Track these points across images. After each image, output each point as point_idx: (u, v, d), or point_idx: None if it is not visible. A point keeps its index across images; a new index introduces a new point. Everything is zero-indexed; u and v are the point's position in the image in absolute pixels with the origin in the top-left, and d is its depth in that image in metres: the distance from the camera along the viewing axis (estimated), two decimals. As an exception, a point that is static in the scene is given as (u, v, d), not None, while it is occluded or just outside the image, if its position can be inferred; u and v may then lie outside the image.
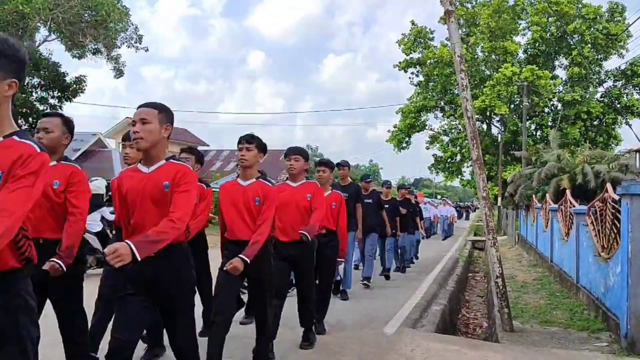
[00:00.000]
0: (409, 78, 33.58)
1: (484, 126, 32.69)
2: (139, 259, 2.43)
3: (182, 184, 2.76)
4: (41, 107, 25.32)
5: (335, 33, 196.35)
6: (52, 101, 25.63)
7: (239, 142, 3.89)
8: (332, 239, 5.43)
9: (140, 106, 2.87)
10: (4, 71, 1.97)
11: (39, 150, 1.99)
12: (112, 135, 40.85)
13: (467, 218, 51.14)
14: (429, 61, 31.84)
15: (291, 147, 4.78)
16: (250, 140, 3.86)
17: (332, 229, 5.46)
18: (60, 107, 25.70)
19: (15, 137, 2.05)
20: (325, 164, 5.91)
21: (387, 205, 9.74)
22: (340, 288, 7.58)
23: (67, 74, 25.26)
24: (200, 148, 48.70)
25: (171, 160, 2.89)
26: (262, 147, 3.92)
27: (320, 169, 5.80)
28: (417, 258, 13.27)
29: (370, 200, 8.49)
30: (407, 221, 11.24)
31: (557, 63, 32.15)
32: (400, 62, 33.07)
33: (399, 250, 11.11)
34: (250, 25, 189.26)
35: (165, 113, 2.87)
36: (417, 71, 33.20)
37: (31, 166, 1.94)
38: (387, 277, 9.88)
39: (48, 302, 3.29)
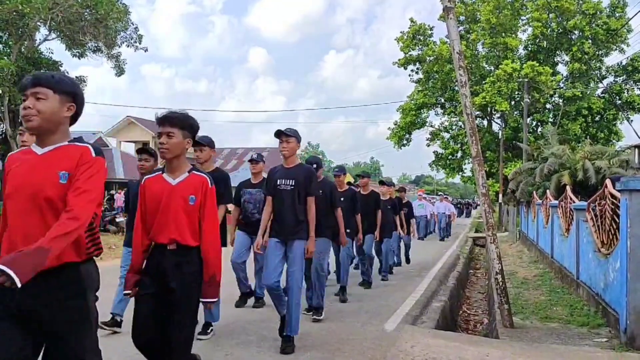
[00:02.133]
0: (409, 75, 33.61)
1: (485, 123, 32.68)
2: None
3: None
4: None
5: (336, 30, 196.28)
6: (52, 100, 25.65)
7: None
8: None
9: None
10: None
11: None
12: (113, 134, 40.89)
13: (468, 215, 50.44)
14: (428, 58, 31.81)
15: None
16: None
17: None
18: (61, 107, 25.75)
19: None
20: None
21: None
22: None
23: (68, 72, 25.31)
24: (201, 146, 48.76)
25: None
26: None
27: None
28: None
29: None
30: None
31: (557, 59, 32.13)
32: (399, 60, 33.06)
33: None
34: (250, 23, 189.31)
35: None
36: (417, 68, 33.18)
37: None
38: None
39: None
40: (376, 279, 9.18)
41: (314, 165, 5.64)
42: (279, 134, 4.77)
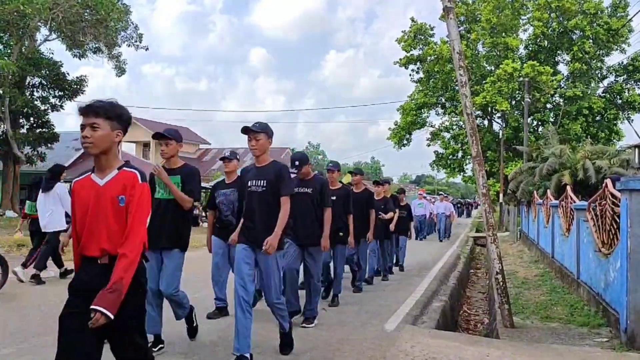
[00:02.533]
0: (409, 75, 33.62)
1: (485, 122, 32.67)
2: None
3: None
4: (42, 107, 25.42)
5: (337, 29, 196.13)
6: (53, 100, 25.71)
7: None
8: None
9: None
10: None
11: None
12: (114, 134, 40.83)
13: (469, 215, 49.94)
14: (429, 58, 31.81)
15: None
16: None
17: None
18: (62, 107, 25.79)
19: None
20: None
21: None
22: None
23: (68, 73, 25.34)
24: (201, 146, 48.64)
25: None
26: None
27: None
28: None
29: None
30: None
31: (558, 59, 32.12)
32: (400, 59, 33.06)
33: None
34: (251, 22, 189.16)
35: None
36: (418, 68, 33.18)
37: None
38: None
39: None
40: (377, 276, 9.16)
41: (296, 163, 5.46)
42: (245, 130, 4.36)
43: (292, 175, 5.08)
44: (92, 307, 2.36)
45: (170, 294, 4.47)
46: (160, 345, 4.52)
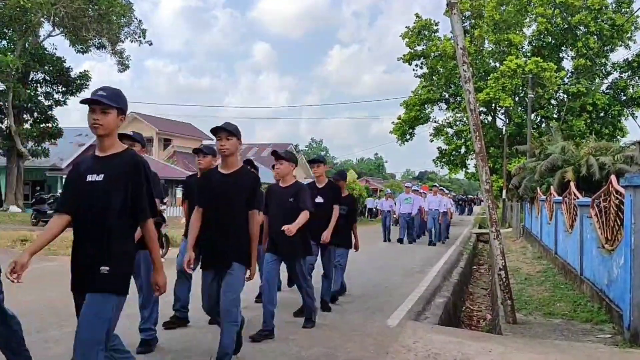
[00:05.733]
0: (413, 70, 33.55)
1: (489, 119, 32.61)
2: None
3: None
4: (46, 102, 25.48)
5: (341, 24, 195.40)
6: (56, 96, 25.77)
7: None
8: None
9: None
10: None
11: None
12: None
13: (470, 212, 47.43)
14: (433, 54, 31.73)
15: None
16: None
17: None
18: (65, 102, 25.84)
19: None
20: None
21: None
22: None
23: (72, 68, 25.37)
24: (204, 142, 48.77)
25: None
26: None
27: None
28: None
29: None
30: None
31: (562, 55, 32.00)
32: (404, 55, 32.99)
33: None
34: (254, 17, 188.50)
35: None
36: (421, 63, 33.11)
37: None
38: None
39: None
40: (378, 273, 9.09)
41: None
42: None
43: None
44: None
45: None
46: None
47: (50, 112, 25.51)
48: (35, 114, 25.46)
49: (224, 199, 3.92)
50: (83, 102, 2.89)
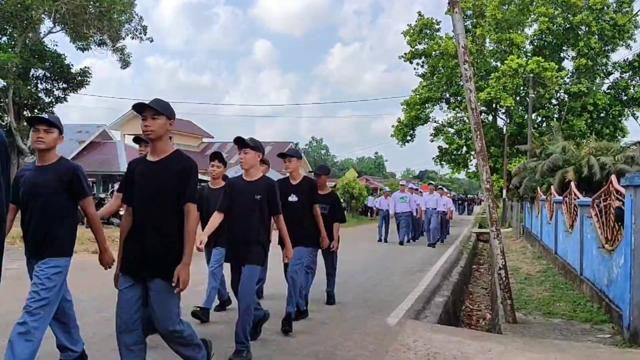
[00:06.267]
0: (414, 69, 33.56)
1: (490, 118, 32.60)
2: None
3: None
4: (46, 99, 25.46)
5: (342, 22, 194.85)
6: (57, 93, 25.74)
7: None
8: None
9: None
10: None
11: None
12: (117, 127, 40.88)
13: (470, 212, 46.73)
14: (434, 53, 31.72)
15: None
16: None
17: None
18: (65, 99, 25.82)
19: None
20: None
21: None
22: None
23: (72, 65, 25.34)
24: (204, 140, 48.65)
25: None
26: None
27: None
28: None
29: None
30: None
31: (563, 55, 31.98)
32: (405, 54, 32.98)
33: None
34: (255, 14, 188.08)
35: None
36: (422, 62, 33.10)
37: None
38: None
39: None
40: (378, 271, 9.08)
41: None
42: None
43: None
44: None
45: None
46: None
47: (50, 108, 25.48)
48: (36, 111, 25.43)
49: (149, 193, 3.19)
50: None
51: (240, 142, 4.36)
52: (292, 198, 5.41)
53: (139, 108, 3.20)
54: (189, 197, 3.15)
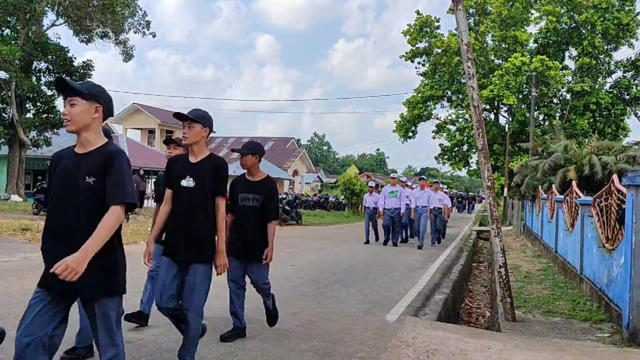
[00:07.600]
0: (415, 68, 33.53)
1: (492, 116, 32.57)
2: None
3: None
4: (49, 92, 25.47)
5: (346, 17, 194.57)
6: (59, 86, 25.70)
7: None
8: None
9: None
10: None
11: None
12: (119, 121, 40.91)
13: (471, 210, 45.38)
14: (435, 50, 31.66)
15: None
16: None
17: None
18: (68, 92, 25.81)
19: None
20: None
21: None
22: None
23: (75, 58, 25.33)
24: (206, 134, 48.89)
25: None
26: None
27: None
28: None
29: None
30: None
31: (567, 54, 31.92)
32: (406, 53, 32.93)
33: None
34: (259, 8, 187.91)
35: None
36: (424, 60, 33.06)
37: None
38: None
39: None
40: (378, 269, 9.05)
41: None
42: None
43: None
44: None
45: None
46: None
47: (53, 101, 25.49)
48: (38, 104, 25.44)
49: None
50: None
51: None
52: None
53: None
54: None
